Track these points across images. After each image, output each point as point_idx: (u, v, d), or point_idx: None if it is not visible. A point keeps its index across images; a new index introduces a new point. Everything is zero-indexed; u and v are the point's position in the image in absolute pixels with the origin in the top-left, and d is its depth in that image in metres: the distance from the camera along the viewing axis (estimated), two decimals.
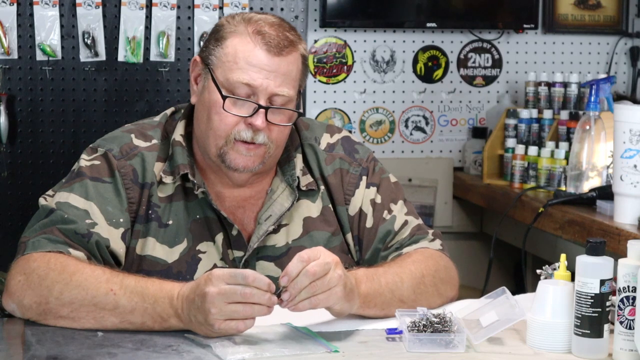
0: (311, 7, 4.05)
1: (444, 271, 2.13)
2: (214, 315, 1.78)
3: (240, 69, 2.04)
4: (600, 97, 3.32)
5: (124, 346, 1.81)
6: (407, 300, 2.02)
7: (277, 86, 2.04)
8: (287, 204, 2.14)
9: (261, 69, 2.03)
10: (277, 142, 2.09)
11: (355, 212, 2.20)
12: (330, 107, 4.14)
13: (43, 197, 2.11)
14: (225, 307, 1.78)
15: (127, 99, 3.92)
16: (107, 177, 2.08)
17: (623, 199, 2.94)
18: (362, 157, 2.24)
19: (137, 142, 2.13)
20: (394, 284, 2.02)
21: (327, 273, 1.83)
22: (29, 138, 3.85)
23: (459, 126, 4.28)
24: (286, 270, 1.82)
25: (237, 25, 2.07)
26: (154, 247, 2.08)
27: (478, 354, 1.82)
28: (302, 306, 1.83)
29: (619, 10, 4.34)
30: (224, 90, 2.05)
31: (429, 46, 4.22)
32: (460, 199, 4.20)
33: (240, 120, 2.05)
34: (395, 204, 2.22)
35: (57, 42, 3.81)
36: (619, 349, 1.78)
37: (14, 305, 1.94)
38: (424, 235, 2.19)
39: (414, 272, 2.06)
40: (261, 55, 2.04)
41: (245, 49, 2.05)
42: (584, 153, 3.28)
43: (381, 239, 2.18)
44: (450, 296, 2.15)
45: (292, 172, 2.16)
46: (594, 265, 1.77)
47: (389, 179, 2.26)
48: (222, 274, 1.79)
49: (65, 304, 1.89)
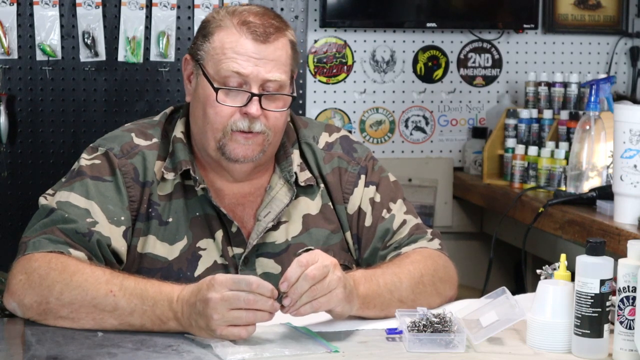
0: (311, 7, 4.05)
1: (442, 270, 2.13)
2: (216, 321, 1.78)
3: (229, 59, 2.05)
4: (600, 97, 3.31)
5: (124, 346, 1.81)
6: (406, 300, 2.02)
7: (267, 72, 2.05)
8: (286, 200, 2.14)
9: (250, 57, 2.05)
10: (275, 129, 2.10)
11: (354, 211, 2.20)
12: (330, 107, 4.14)
13: (43, 196, 2.11)
14: (228, 314, 1.78)
15: (127, 99, 3.92)
16: (107, 176, 2.08)
17: (623, 199, 2.94)
18: (361, 155, 2.24)
19: (137, 140, 2.14)
20: (393, 285, 2.02)
21: (326, 276, 1.83)
22: (29, 138, 3.85)
23: (459, 126, 4.28)
24: (285, 275, 1.82)
25: (223, 19, 2.09)
26: (154, 244, 2.08)
27: (478, 354, 1.82)
28: (303, 310, 1.83)
29: (619, 10, 4.34)
30: (215, 83, 2.06)
31: (429, 46, 4.22)
32: (460, 199, 4.20)
33: (235, 111, 2.06)
34: (395, 202, 2.22)
35: (57, 42, 3.81)
36: (619, 349, 1.78)
37: (15, 304, 1.94)
38: (423, 235, 2.19)
39: (413, 272, 2.06)
40: (248, 44, 2.05)
41: (232, 39, 2.06)
42: (584, 153, 3.28)
43: (380, 238, 2.18)
44: (449, 295, 2.15)
45: (290, 169, 2.17)
46: (594, 265, 1.77)
47: (388, 178, 2.26)
48: (225, 280, 1.79)
49: (65, 305, 1.89)
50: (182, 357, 1.76)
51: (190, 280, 2.09)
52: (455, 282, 2.18)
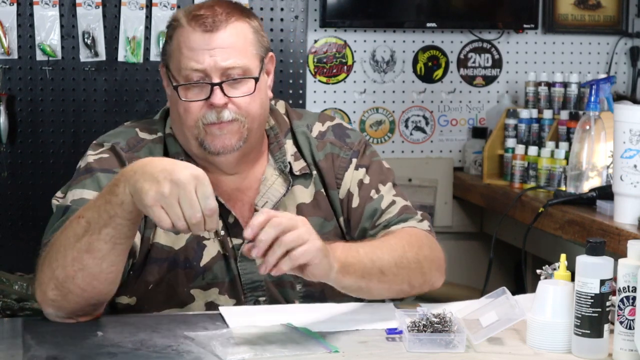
0: (311, 7, 4.05)
1: (428, 250, 2.09)
2: (161, 195, 1.71)
3: (185, 57, 2.06)
4: (600, 97, 3.31)
5: (124, 346, 1.81)
6: (388, 272, 1.98)
7: (224, 60, 2.05)
8: (283, 190, 2.15)
9: (203, 49, 2.05)
10: (249, 113, 2.09)
11: (344, 195, 2.19)
12: (330, 107, 4.14)
13: (55, 198, 2.11)
14: (173, 200, 1.71)
15: (127, 99, 3.92)
16: (117, 168, 2.06)
17: (623, 199, 2.94)
18: (354, 141, 2.24)
19: (142, 135, 2.15)
20: (374, 254, 1.97)
21: (295, 227, 1.77)
22: (29, 138, 3.85)
23: (459, 126, 4.28)
24: (251, 222, 1.76)
25: (179, 19, 2.11)
26: (161, 234, 2.09)
27: (478, 354, 1.82)
28: (284, 265, 1.76)
29: (619, 10, 4.34)
30: (179, 82, 2.07)
31: (429, 46, 4.22)
32: (460, 199, 4.20)
33: (202, 105, 2.07)
34: (384, 185, 2.20)
35: (57, 42, 3.81)
36: (619, 349, 1.78)
37: (41, 292, 1.89)
38: (413, 215, 2.17)
39: (395, 245, 2.03)
40: (199, 38, 2.06)
41: (185, 37, 2.07)
42: (584, 153, 3.28)
43: (368, 218, 2.16)
44: (434, 278, 2.10)
45: (284, 159, 2.17)
46: (594, 265, 1.77)
47: (380, 162, 2.25)
48: (203, 184, 1.72)
49: (62, 260, 1.85)
50: (182, 357, 1.76)
51: (196, 269, 2.10)
52: (442, 265, 2.14)
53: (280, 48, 4.02)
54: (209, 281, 2.11)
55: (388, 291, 2.04)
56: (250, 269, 2.10)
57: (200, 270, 2.11)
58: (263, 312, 2.03)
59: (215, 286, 2.11)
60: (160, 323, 1.96)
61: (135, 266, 2.08)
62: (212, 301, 2.11)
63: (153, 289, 2.11)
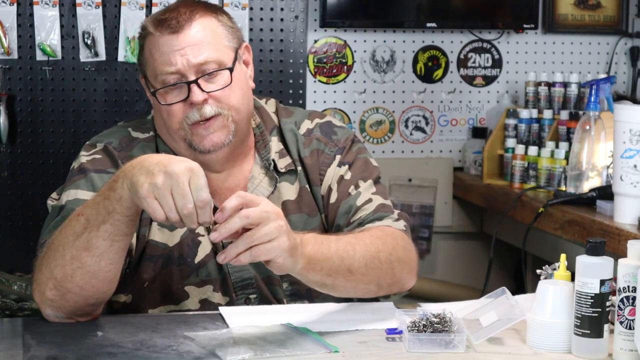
0: (311, 7, 4.05)
1: (402, 251, 2.07)
2: (154, 186, 1.71)
3: (159, 62, 2.08)
4: (600, 97, 3.31)
5: (124, 346, 1.81)
6: (356, 271, 1.96)
7: (195, 57, 2.06)
8: (271, 188, 2.15)
9: (174, 51, 2.06)
10: (231, 105, 2.09)
11: (325, 191, 2.19)
12: (330, 107, 4.14)
13: (50, 199, 2.12)
14: (165, 191, 1.71)
15: (127, 99, 3.92)
16: (111, 169, 2.08)
17: (623, 199, 2.94)
18: (340, 138, 2.24)
19: (135, 134, 2.16)
20: (345, 252, 1.94)
21: (264, 222, 1.75)
22: (29, 138, 3.85)
23: (459, 126, 4.28)
24: (224, 205, 1.75)
25: (147, 27, 2.12)
26: (156, 232, 2.10)
27: (478, 354, 1.82)
28: (243, 258, 1.75)
29: (619, 10, 4.34)
30: (155, 88, 2.08)
31: (429, 46, 4.22)
32: (460, 199, 4.20)
33: (183, 106, 2.07)
34: (365, 182, 2.19)
35: (57, 42, 3.81)
36: (619, 349, 1.78)
37: (39, 293, 1.90)
38: (389, 214, 2.15)
39: (369, 245, 2.00)
40: (168, 40, 2.07)
41: (154, 43, 2.09)
42: (584, 153, 3.28)
43: (343, 214, 2.15)
44: (405, 280, 2.08)
45: (268, 156, 2.17)
46: (594, 265, 1.77)
47: (366, 160, 2.23)
48: (197, 176, 1.72)
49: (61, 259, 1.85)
50: (182, 357, 1.76)
51: (190, 266, 2.10)
52: (414, 267, 2.11)
53: (280, 48, 4.02)
54: (203, 278, 2.12)
55: (354, 290, 2.01)
56: (239, 266, 2.10)
57: (195, 267, 2.11)
58: (263, 312, 2.03)
59: (209, 283, 2.12)
60: (160, 323, 1.96)
61: (131, 264, 2.09)
62: (207, 298, 2.11)
63: (148, 287, 2.11)
